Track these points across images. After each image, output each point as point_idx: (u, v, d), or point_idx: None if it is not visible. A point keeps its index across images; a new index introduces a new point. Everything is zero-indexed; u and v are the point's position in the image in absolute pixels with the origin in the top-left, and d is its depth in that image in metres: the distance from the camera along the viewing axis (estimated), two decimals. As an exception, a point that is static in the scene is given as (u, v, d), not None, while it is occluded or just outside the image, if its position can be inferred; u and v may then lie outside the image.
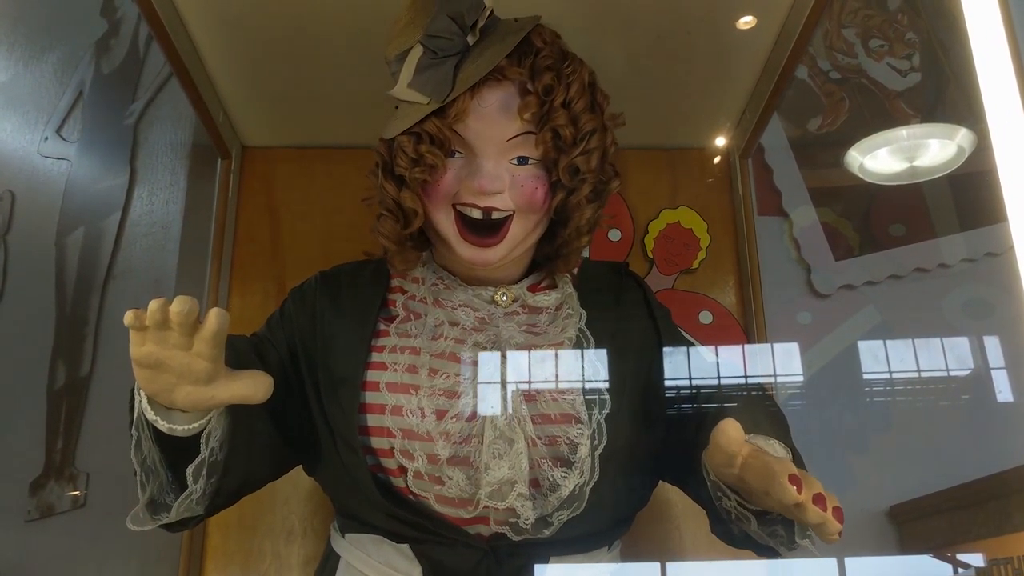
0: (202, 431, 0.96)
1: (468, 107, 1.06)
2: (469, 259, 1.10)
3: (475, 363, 1.08)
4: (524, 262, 1.19)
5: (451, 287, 1.17)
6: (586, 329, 1.14)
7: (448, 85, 1.05)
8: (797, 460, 1.01)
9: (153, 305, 0.84)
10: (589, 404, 1.07)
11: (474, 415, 1.05)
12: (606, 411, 1.07)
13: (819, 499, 0.85)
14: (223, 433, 1.00)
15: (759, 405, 1.12)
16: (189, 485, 0.98)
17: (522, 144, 1.08)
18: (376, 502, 1.06)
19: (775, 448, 0.97)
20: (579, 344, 1.12)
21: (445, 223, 1.10)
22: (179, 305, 0.83)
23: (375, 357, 1.10)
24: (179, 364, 0.87)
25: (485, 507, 1.04)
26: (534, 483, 1.05)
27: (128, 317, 0.85)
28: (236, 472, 1.04)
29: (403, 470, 1.05)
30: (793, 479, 0.84)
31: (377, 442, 1.06)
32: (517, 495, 1.03)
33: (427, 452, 1.04)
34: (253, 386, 0.91)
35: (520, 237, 1.11)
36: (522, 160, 1.09)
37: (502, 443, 1.03)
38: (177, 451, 0.98)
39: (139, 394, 0.95)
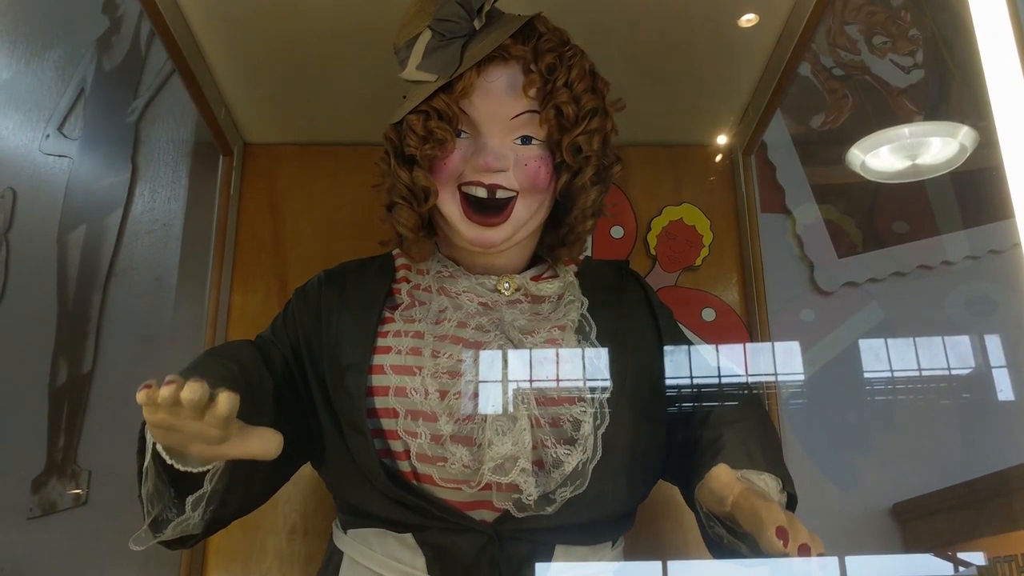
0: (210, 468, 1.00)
1: (474, 83, 1.10)
2: (473, 239, 1.14)
3: (478, 344, 1.11)
4: (527, 251, 1.22)
5: (455, 276, 1.19)
6: (588, 315, 1.17)
7: (456, 62, 1.10)
8: (787, 485, 1.06)
9: (165, 392, 0.85)
10: (591, 386, 1.10)
11: (477, 394, 1.07)
12: (607, 394, 1.10)
13: (804, 549, 0.89)
14: (224, 469, 1.02)
15: (752, 428, 1.13)
16: (187, 512, 1.01)
17: (526, 123, 1.13)
18: (381, 486, 1.07)
19: (766, 483, 1.03)
20: (581, 328, 1.15)
21: (450, 204, 1.13)
22: (190, 393, 0.85)
23: (380, 342, 1.12)
24: (192, 430, 0.89)
25: (487, 485, 1.05)
26: (538, 463, 1.07)
27: (140, 397, 0.87)
28: (232, 504, 1.06)
29: (407, 453, 1.07)
30: (780, 532, 0.89)
31: (385, 423, 1.08)
32: (520, 470, 1.04)
33: (430, 430, 1.06)
34: (263, 445, 0.94)
35: (524, 218, 1.14)
36: (526, 140, 1.13)
37: (505, 420, 1.05)
38: (180, 476, 1.01)
39: (151, 435, 0.97)
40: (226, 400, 0.86)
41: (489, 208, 1.13)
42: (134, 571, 1.79)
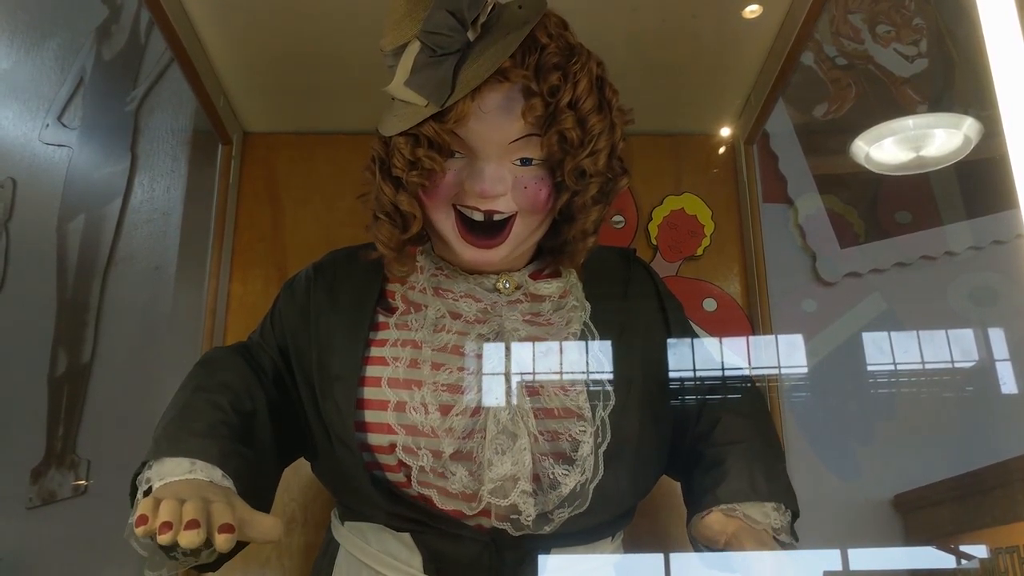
0: None
1: (468, 111, 1.00)
2: (471, 260, 1.08)
3: (478, 356, 1.06)
4: (527, 253, 1.16)
5: (452, 276, 1.14)
6: (591, 323, 1.11)
7: (447, 88, 1.00)
8: (790, 504, 1.07)
9: (162, 540, 0.83)
10: (593, 400, 1.05)
11: (478, 410, 1.03)
12: (610, 407, 1.05)
13: None
14: None
15: (756, 450, 1.11)
16: (202, 558, 0.97)
17: (525, 146, 1.04)
18: (373, 499, 1.05)
19: (767, 515, 1.03)
20: (583, 339, 1.10)
21: (445, 224, 1.07)
22: (187, 541, 0.82)
23: (374, 352, 1.08)
24: None
25: (488, 504, 1.02)
26: (535, 479, 1.03)
27: (140, 532, 0.84)
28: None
29: (403, 466, 1.03)
30: None
31: (375, 439, 1.04)
32: (520, 492, 1.01)
33: (432, 449, 1.02)
34: (263, 535, 0.90)
35: (523, 236, 1.09)
36: (525, 161, 1.05)
37: (505, 438, 1.02)
38: None
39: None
40: (224, 542, 0.84)
41: (486, 229, 1.06)
42: (134, 560, 1.78)
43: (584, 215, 1.08)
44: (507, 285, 1.13)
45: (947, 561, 1.42)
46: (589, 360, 1.09)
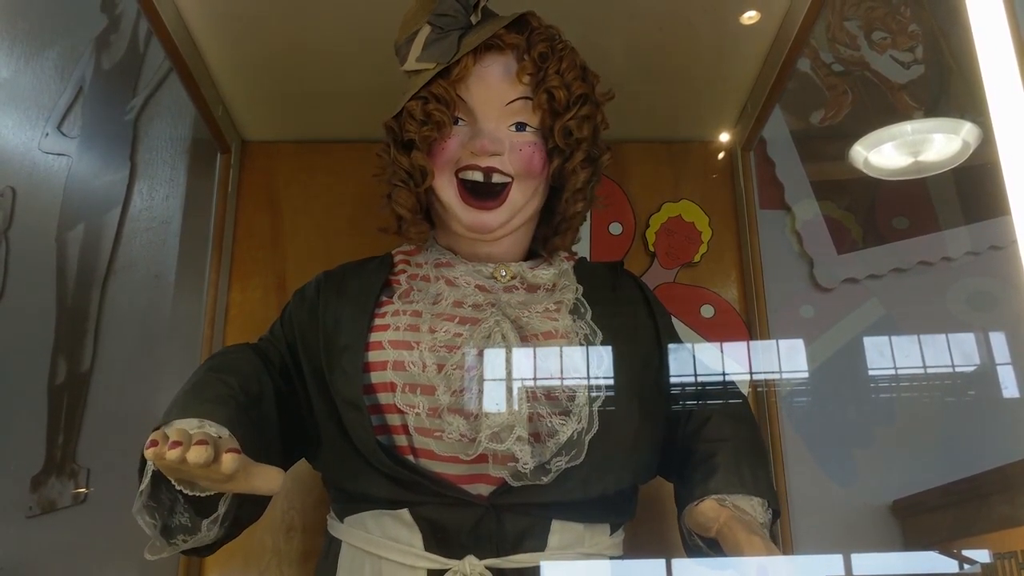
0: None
1: (470, 69, 1.17)
2: (470, 223, 1.19)
3: (475, 321, 1.14)
4: (523, 242, 1.27)
5: (453, 263, 1.23)
6: (583, 299, 1.21)
7: (453, 49, 1.17)
8: (772, 503, 1.13)
9: (171, 455, 0.89)
10: (587, 362, 1.13)
11: (474, 367, 1.10)
12: (602, 370, 1.13)
13: None
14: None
15: (743, 446, 1.19)
16: (203, 531, 1.05)
17: (520, 110, 1.19)
18: (377, 463, 1.09)
19: (754, 508, 1.10)
20: (576, 309, 1.18)
21: (448, 190, 1.19)
22: (195, 457, 0.89)
23: (378, 322, 1.16)
24: (199, 473, 0.93)
25: (483, 456, 1.07)
26: (534, 435, 1.10)
27: (148, 455, 0.92)
28: (245, 517, 1.12)
29: (405, 427, 1.10)
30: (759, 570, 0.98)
31: (382, 397, 1.11)
32: (516, 438, 1.07)
33: (428, 402, 1.09)
34: (267, 483, 0.98)
35: (520, 204, 1.20)
36: (520, 127, 1.20)
37: (502, 390, 1.09)
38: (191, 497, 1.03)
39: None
40: (230, 461, 0.90)
41: (486, 193, 1.19)
42: (133, 569, 1.79)
43: (574, 177, 1.21)
44: (504, 273, 1.23)
45: (946, 566, 1.43)
46: (583, 327, 1.17)
